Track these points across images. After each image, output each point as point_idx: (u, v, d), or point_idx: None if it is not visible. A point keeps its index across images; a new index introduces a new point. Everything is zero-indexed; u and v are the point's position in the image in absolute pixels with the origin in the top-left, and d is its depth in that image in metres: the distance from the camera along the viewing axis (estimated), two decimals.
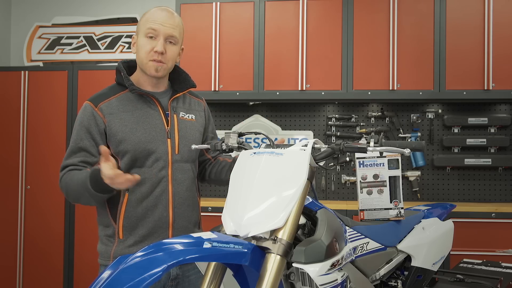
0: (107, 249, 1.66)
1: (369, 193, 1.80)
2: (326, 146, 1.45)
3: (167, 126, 1.70)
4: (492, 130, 3.69)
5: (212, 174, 1.89)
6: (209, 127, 1.89)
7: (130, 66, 1.75)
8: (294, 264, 1.23)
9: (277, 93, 3.54)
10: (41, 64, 4.16)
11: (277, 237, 1.22)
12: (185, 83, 1.80)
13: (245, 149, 1.60)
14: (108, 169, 1.41)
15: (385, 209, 1.79)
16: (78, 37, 4.18)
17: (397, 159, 1.79)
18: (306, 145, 1.39)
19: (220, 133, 2.23)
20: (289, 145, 1.47)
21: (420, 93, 3.42)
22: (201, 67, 3.58)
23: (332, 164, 3.63)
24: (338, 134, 3.80)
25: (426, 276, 1.87)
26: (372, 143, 1.40)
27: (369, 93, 3.46)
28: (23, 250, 3.73)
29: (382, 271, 1.67)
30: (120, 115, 1.64)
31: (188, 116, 1.78)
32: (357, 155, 1.80)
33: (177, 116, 1.74)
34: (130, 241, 1.63)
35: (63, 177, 1.63)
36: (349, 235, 1.50)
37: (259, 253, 1.20)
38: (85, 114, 1.64)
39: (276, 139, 1.71)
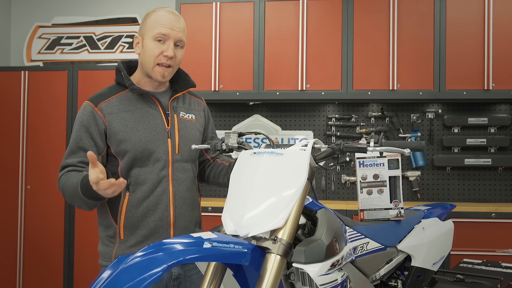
0: (109, 249, 1.65)
1: (369, 193, 1.80)
2: (326, 146, 1.45)
3: (168, 126, 1.69)
4: (492, 130, 3.69)
5: (211, 177, 1.88)
6: (208, 127, 1.89)
7: (130, 67, 1.75)
8: (294, 264, 1.22)
9: (277, 93, 3.53)
10: (41, 64, 4.16)
11: (277, 237, 1.22)
12: (185, 83, 1.79)
13: (245, 149, 1.60)
14: (93, 174, 1.38)
15: (385, 209, 1.79)
16: (78, 37, 4.18)
17: (397, 159, 1.79)
18: (306, 145, 1.39)
19: (220, 133, 2.23)
20: (289, 145, 1.47)
21: (420, 93, 3.42)
22: (201, 67, 3.58)
23: (332, 164, 3.63)
24: (338, 134, 3.80)
25: (426, 276, 1.87)
26: (372, 143, 1.40)
27: (369, 93, 3.46)
28: (23, 250, 3.73)
29: (382, 271, 1.67)
30: (121, 115, 1.64)
31: (188, 116, 1.78)
32: (357, 155, 1.80)
33: (177, 115, 1.74)
34: (132, 241, 1.63)
35: (60, 178, 1.63)
36: (349, 235, 1.50)
37: (259, 253, 1.20)
38: (84, 114, 1.64)
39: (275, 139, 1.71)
